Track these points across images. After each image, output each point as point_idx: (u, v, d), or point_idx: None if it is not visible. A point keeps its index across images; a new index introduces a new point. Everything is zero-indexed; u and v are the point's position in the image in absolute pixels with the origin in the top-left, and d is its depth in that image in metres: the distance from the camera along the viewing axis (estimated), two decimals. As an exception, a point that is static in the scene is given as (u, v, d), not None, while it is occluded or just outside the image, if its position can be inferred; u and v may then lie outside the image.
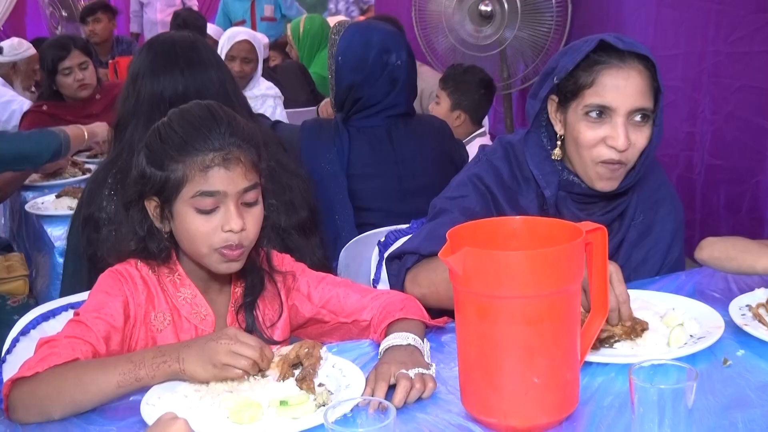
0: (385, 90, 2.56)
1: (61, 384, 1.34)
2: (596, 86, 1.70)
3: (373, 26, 2.74)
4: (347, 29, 2.71)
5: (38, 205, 3.06)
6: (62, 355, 1.37)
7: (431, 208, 1.90)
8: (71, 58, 3.85)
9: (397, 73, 2.56)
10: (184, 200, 1.50)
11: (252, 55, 4.28)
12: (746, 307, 1.62)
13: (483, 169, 1.87)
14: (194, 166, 1.47)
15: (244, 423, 1.29)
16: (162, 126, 1.54)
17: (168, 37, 2.19)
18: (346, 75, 2.59)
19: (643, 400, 1.14)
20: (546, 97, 1.79)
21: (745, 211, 3.49)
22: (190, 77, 2.03)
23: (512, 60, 4.76)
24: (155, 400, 1.36)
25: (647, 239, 1.89)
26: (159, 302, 1.56)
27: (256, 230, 1.55)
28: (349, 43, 2.60)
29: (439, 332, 1.64)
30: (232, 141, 1.49)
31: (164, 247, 1.56)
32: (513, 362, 1.24)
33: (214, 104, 1.57)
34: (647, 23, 3.94)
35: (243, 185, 1.50)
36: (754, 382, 1.39)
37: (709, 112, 3.59)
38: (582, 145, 1.74)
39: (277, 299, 1.66)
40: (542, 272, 1.22)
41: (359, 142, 2.58)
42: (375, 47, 2.55)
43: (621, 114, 1.70)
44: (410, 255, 1.79)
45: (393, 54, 2.56)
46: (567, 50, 1.78)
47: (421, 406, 1.35)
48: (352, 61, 2.57)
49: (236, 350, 1.37)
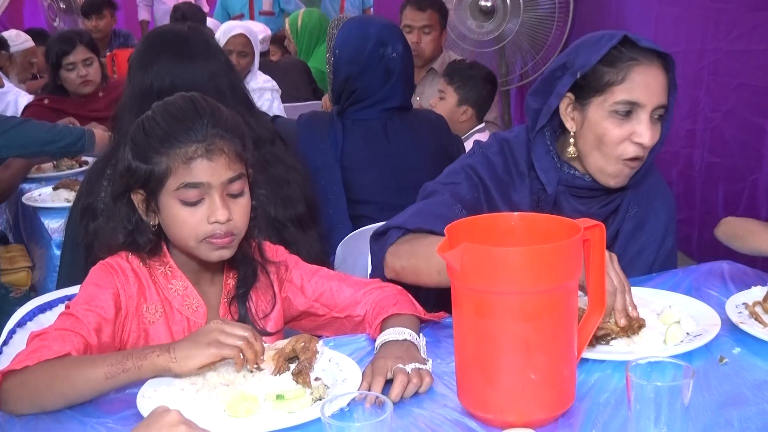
0: (380, 82, 2.57)
1: (51, 378, 1.34)
2: (627, 83, 1.69)
3: (370, 20, 2.75)
4: (345, 23, 2.73)
5: (35, 197, 3.05)
6: (53, 349, 1.37)
7: (422, 191, 1.88)
8: (76, 53, 3.82)
9: (392, 66, 2.57)
10: (169, 192, 1.50)
11: (248, 48, 4.28)
12: (743, 305, 1.63)
13: (477, 161, 1.86)
14: (177, 158, 1.48)
15: (241, 416, 1.30)
16: (146, 119, 1.55)
17: (161, 30, 2.19)
18: (342, 67, 2.60)
19: (639, 397, 1.14)
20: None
21: (742, 209, 3.50)
22: (177, 68, 2.03)
23: (511, 56, 4.76)
24: (151, 393, 1.36)
25: (641, 231, 1.90)
26: (150, 294, 1.56)
27: (244, 220, 1.55)
28: (347, 36, 2.62)
29: (435, 327, 1.64)
30: (215, 132, 1.50)
31: (149, 240, 1.56)
32: (510, 358, 1.25)
33: (197, 96, 1.57)
34: (648, 20, 3.95)
35: (227, 176, 1.50)
36: (750, 380, 1.39)
37: (709, 110, 3.59)
38: (607, 142, 1.72)
39: (270, 290, 1.66)
40: (540, 268, 1.22)
41: (354, 134, 2.59)
42: (371, 39, 2.56)
43: (647, 111, 1.70)
44: (395, 229, 1.77)
45: (389, 46, 2.57)
46: (583, 45, 1.75)
47: (417, 401, 1.35)
48: (348, 54, 2.59)
49: (228, 330, 1.37)
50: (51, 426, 1.33)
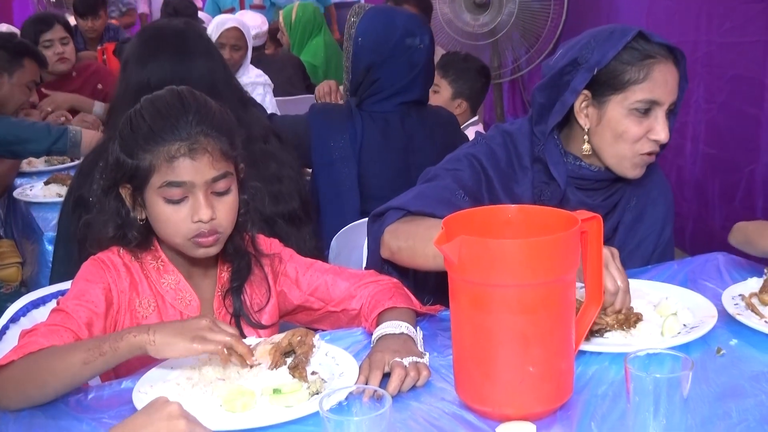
0: (403, 73, 2.52)
1: (34, 369, 1.33)
2: (648, 81, 1.68)
3: (395, 10, 2.72)
4: (368, 11, 2.64)
5: (27, 191, 3.03)
6: (38, 343, 1.36)
7: (423, 175, 1.87)
8: (53, 31, 3.96)
9: (417, 57, 2.52)
10: (153, 189, 1.49)
11: (241, 42, 4.26)
12: (739, 296, 1.63)
13: (481, 151, 1.85)
14: (161, 156, 1.46)
15: (237, 411, 1.29)
16: (133, 114, 1.53)
17: (157, 25, 2.18)
18: (365, 56, 2.54)
19: (638, 389, 1.14)
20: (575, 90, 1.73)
21: (738, 200, 3.50)
22: (176, 65, 2.01)
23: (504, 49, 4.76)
24: (147, 388, 1.35)
25: (641, 222, 1.90)
26: (143, 289, 1.56)
27: (229, 218, 1.54)
28: (370, 24, 2.56)
29: (432, 321, 1.64)
30: (199, 130, 1.48)
31: (137, 235, 1.55)
32: (508, 351, 1.24)
33: (185, 91, 1.55)
34: (640, 13, 3.95)
35: (210, 175, 1.48)
36: (747, 372, 1.39)
37: (703, 102, 3.60)
38: (627, 139, 1.72)
39: (264, 283, 1.65)
40: (537, 261, 1.21)
41: (372, 127, 2.55)
42: (398, 29, 2.51)
43: (664, 109, 1.71)
44: (396, 210, 1.75)
45: (417, 37, 2.52)
46: (596, 40, 1.72)
47: (415, 395, 1.35)
48: (372, 42, 2.53)
49: (216, 328, 1.35)
50: (46, 422, 1.32)
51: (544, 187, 1.81)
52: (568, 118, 1.79)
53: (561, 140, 1.82)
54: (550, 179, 1.80)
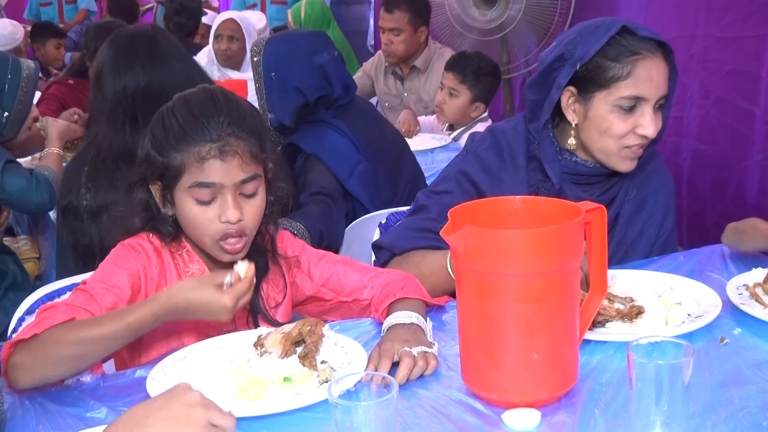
0: (326, 88, 2.51)
1: (57, 341, 1.34)
2: (632, 78, 1.68)
3: (291, 35, 2.76)
4: (266, 47, 2.57)
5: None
6: (59, 318, 1.37)
7: (414, 202, 1.91)
8: None
9: (328, 70, 2.52)
10: (183, 189, 1.51)
11: (238, 33, 4.34)
12: (743, 286, 1.64)
13: (469, 164, 1.86)
14: (191, 157, 1.48)
15: (250, 400, 1.31)
16: (166, 111, 1.55)
17: (127, 33, 2.17)
18: (287, 85, 2.49)
19: (640, 376, 1.15)
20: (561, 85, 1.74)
21: (730, 197, 3.48)
22: (151, 71, 2.04)
23: (512, 44, 4.75)
24: (161, 376, 1.38)
25: (641, 213, 1.91)
26: (171, 276, 1.58)
27: (256, 220, 1.55)
28: (277, 58, 2.52)
29: (440, 311, 1.66)
30: (230, 131, 1.49)
31: (170, 231, 1.57)
32: (513, 339, 1.26)
33: (217, 91, 1.57)
34: (639, 7, 3.94)
35: (239, 177, 1.50)
36: (750, 360, 1.41)
37: (698, 97, 3.58)
38: (612, 135, 1.73)
39: (281, 280, 1.67)
40: (542, 250, 1.23)
41: (356, 122, 2.57)
42: (304, 52, 2.51)
43: (651, 104, 1.70)
44: (384, 251, 1.83)
45: (324, 53, 2.53)
46: (580, 35, 1.72)
47: (422, 383, 1.37)
48: (284, 73, 2.49)
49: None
50: (60, 409, 1.35)
51: (541, 185, 1.82)
52: (560, 114, 1.80)
53: (556, 136, 1.83)
54: (547, 177, 1.81)
